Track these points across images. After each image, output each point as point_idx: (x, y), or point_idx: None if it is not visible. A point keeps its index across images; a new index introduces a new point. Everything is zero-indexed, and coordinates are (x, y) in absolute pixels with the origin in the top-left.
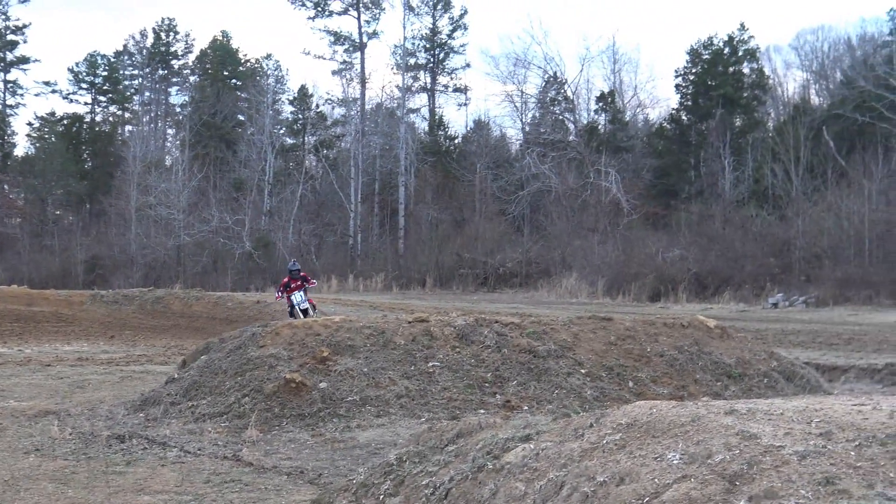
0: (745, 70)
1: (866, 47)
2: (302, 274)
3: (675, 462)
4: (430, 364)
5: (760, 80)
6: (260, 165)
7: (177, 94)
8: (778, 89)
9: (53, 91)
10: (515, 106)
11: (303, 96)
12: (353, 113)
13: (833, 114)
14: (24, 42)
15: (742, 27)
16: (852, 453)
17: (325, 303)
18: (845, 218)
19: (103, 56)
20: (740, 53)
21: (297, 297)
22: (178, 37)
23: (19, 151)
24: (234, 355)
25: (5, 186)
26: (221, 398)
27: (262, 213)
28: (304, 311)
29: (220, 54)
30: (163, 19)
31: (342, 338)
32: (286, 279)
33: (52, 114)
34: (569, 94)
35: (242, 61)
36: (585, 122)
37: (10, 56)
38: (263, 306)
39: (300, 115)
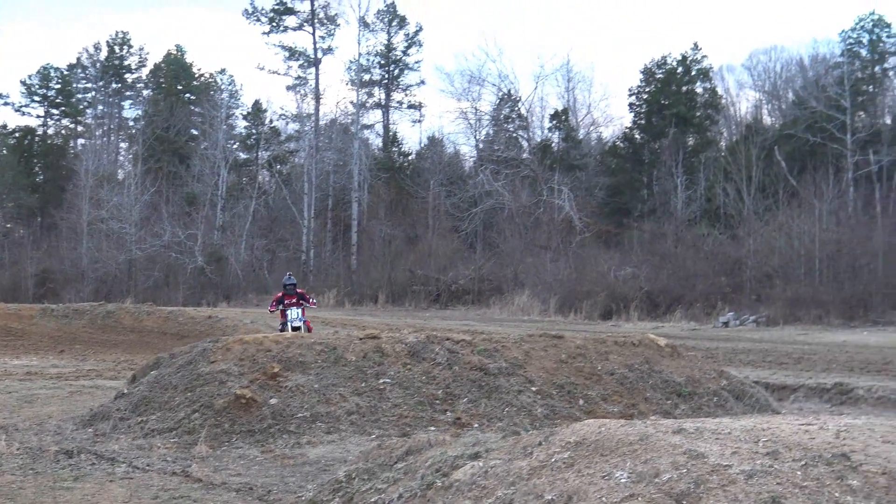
0: (699, 89)
1: (818, 68)
2: (299, 291)
3: (622, 481)
4: (381, 381)
5: (713, 99)
6: (213, 180)
7: (130, 108)
8: (730, 109)
9: (6, 103)
10: (469, 123)
11: (257, 111)
12: (307, 128)
13: (785, 134)
14: None
15: (695, 47)
16: (798, 473)
17: (275, 318)
18: (796, 238)
19: (56, 69)
20: (693, 73)
21: (294, 312)
22: (132, 50)
23: None
24: (184, 371)
25: None
26: (171, 414)
27: (215, 228)
28: (296, 329)
29: (175, 68)
30: (117, 33)
31: (293, 354)
32: (280, 294)
33: (4, 126)
34: (523, 111)
35: (196, 76)
36: (539, 139)
37: None
38: (215, 321)
39: (254, 130)
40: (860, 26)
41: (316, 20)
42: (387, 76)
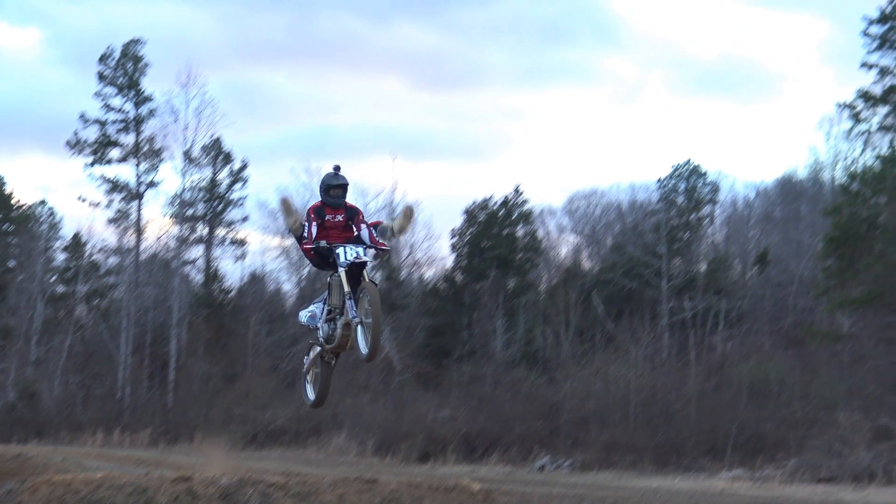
0: (520, 232)
1: (636, 214)
2: (350, 205)
3: None
4: None
5: (533, 242)
6: (28, 313)
7: None
8: (551, 252)
9: None
10: (291, 261)
11: (76, 244)
12: (127, 262)
13: (603, 279)
14: None
15: (517, 191)
16: None
17: (89, 457)
18: (612, 382)
19: None
20: (515, 216)
21: (349, 250)
22: None
23: None
24: None
25: None
26: None
27: (29, 363)
28: (359, 266)
29: None
30: None
31: (102, 496)
32: (317, 203)
33: None
34: None
35: (15, 206)
36: None
37: None
38: (24, 460)
39: (73, 263)
40: (677, 174)
41: (140, 153)
42: (210, 211)
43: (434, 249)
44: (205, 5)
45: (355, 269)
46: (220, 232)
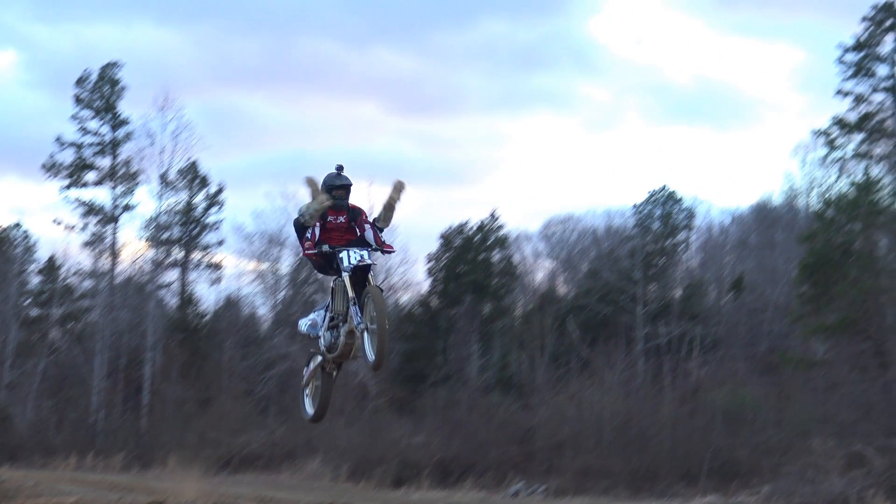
0: (495, 257)
1: (612, 239)
2: (352, 206)
3: None
4: None
5: (509, 267)
6: (2, 337)
7: None
8: (526, 277)
9: None
10: (267, 285)
11: (51, 267)
12: (101, 286)
13: (578, 304)
14: None
15: (493, 216)
16: None
17: (62, 481)
18: (587, 408)
19: None
20: (490, 241)
21: (352, 254)
22: None
23: None
24: None
25: None
26: None
27: (2, 386)
28: (364, 269)
29: None
30: None
31: None
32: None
33: None
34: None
35: None
36: None
37: None
38: None
39: (47, 286)
40: (652, 200)
41: (116, 177)
42: (186, 235)
43: (410, 274)
44: (182, 29)
45: (360, 272)
46: (196, 256)
